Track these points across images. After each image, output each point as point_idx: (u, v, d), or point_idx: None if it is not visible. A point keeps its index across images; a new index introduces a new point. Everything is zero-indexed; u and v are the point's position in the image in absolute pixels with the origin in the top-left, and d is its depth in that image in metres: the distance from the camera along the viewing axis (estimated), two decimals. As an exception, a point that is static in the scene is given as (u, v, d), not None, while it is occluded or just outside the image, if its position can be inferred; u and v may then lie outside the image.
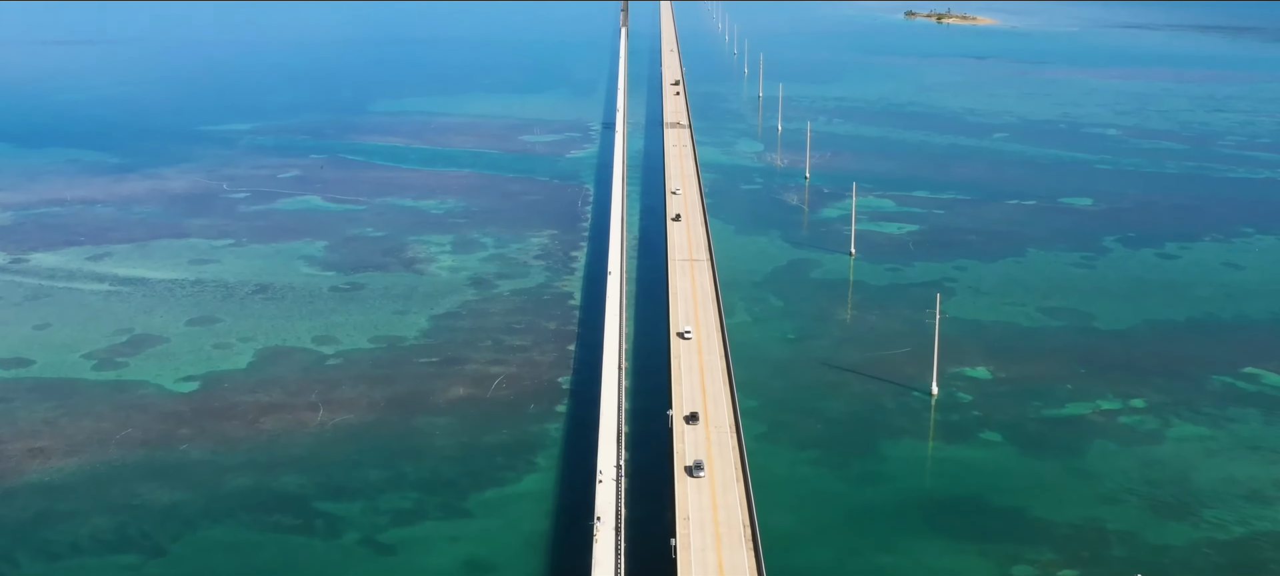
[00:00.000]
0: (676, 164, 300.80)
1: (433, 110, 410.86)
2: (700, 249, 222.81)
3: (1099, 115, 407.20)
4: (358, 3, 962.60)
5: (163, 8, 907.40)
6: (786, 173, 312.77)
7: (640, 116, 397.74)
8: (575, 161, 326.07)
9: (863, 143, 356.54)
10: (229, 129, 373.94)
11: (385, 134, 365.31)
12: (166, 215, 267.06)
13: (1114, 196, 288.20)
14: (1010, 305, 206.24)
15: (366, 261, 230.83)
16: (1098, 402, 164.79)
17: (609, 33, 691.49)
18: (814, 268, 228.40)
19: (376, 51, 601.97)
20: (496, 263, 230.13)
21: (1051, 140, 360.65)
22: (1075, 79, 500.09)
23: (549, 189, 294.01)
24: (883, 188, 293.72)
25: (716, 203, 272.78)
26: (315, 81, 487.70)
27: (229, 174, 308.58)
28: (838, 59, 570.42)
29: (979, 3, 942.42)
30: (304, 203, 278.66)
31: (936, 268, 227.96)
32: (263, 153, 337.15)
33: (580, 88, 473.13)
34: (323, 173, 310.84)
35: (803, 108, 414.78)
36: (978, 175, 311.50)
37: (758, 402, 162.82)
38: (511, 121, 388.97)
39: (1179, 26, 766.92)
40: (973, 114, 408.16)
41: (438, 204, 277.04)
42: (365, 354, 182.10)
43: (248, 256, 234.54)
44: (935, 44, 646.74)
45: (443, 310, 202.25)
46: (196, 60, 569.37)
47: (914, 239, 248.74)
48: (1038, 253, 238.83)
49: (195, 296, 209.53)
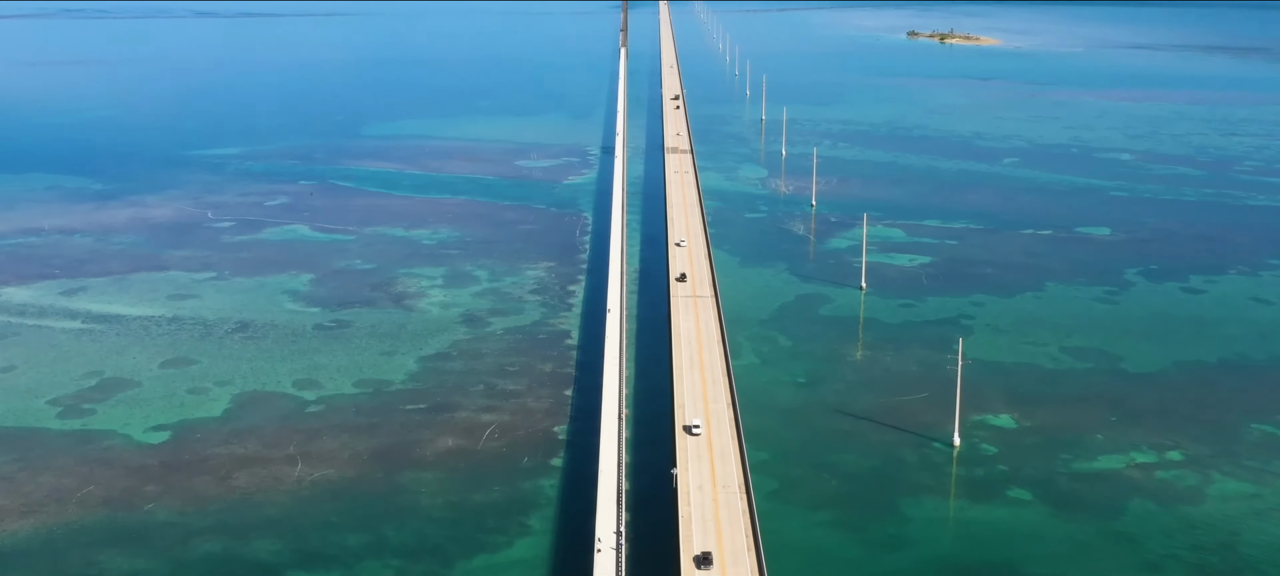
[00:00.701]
0: (678, 191, 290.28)
1: (428, 133, 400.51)
2: (704, 284, 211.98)
3: (1111, 139, 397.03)
4: (357, 19, 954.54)
5: (160, 26, 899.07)
6: (792, 200, 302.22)
7: (640, 140, 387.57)
8: (573, 188, 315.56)
9: (869, 168, 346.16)
10: (218, 153, 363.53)
11: (378, 159, 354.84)
12: (147, 246, 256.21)
13: (1133, 225, 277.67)
14: (1032, 345, 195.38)
15: (354, 296, 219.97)
16: (1132, 455, 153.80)
17: (608, 53, 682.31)
18: (823, 303, 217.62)
19: (373, 72, 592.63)
20: (490, 297, 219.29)
21: (1064, 165, 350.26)
22: (1084, 101, 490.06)
23: (546, 217, 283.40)
24: (892, 216, 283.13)
25: (720, 232, 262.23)
26: (309, 104, 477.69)
27: (214, 201, 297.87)
28: (841, 80, 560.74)
29: (981, 20, 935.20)
30: (291, 232, 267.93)
31: (952, 303, 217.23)
32: (251, 178, 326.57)
33: (579, 109, 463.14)
34: (312, 200, 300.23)
35: (806, 131, 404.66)
36: (990, 203, 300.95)
37: (768, 455, 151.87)
38: (508, 145, 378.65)
39: (1184, 47, 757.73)
40: (981, 138, 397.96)
41: (430, 233, 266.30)
42: (348, 400, 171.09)
43: (229, 291, 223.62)
44: (939, 64, 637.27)
45: (432, 350, 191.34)
46: (190, 81, 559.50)
47: (927, 272, 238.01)
48: (1057, 287, 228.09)
49: (171, 335, 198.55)
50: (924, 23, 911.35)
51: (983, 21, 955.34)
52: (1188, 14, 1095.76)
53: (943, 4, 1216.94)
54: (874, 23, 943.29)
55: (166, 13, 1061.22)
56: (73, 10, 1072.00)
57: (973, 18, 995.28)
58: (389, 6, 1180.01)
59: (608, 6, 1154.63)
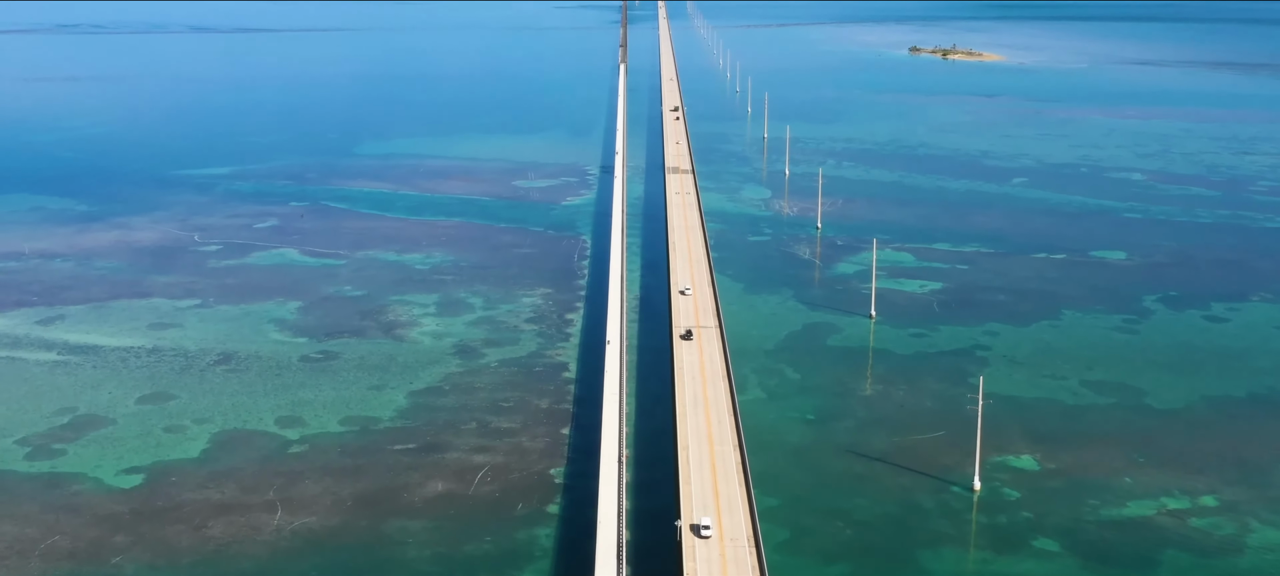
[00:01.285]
0: (679, 213, 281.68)
1: (422, 153, 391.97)
2: (707, 314, 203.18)
3: (1120, 158, 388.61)
4: (355, 34, 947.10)
5: (157, 42, 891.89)
6: (796, 222, 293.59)
7: (640, 159, 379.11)
8: (571, 210, 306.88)
9: (875, 188, 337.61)
10: (207, 173, 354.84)
11: (371, 179, 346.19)
12: (129, 271, 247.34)
13: (1148, 249, 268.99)
14: (1051, 378, 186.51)
15: (342, 325, 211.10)
16: (1163, 500, 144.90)
17: (608, 68, 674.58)
18: (831, 333, 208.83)
19: (369, 89, 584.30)
20: (484, 327, 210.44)
21: (1074, 186, 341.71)
22: (1091, 118, 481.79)
23: (543, 241, 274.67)
24: (900, 239, 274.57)
25: (723, 256, 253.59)
26: (303, 121, 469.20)
27: (201, 223, 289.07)
28: (843, 97, 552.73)
29: (983, 35, 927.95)
30: (279, 256, 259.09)
31: (965, 333, 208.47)
32: (240, 199, 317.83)
33: (578, 127, 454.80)
34: (302, 222, 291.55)
35: (810, 149, 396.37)
36: (1000, 225, 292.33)
37: (778, 501, 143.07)
38: (505, 165, 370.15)
39: (1189, 62, 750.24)
40: (989, 157, 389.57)
41: (423, 258, 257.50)
42: (333, 439, 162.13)
43: (213, 319, 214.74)
44: (942, 81, 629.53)
45: (423, 384, 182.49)
46: (183, 98, 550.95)
47: (938, 299, 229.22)
48: (1074, 315, 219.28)
49: (150, 368, 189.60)
50: (926, 39, 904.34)
51: (985, 37, 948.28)
52: (1190, 30, 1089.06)
53: (944, 20, 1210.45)
54: (875, 39, 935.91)
55: (164, 28, 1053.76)
56: (69, 26, 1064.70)
57: (974, 33, 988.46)
58: (387, 22, 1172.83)
59: (607, 21, 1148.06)
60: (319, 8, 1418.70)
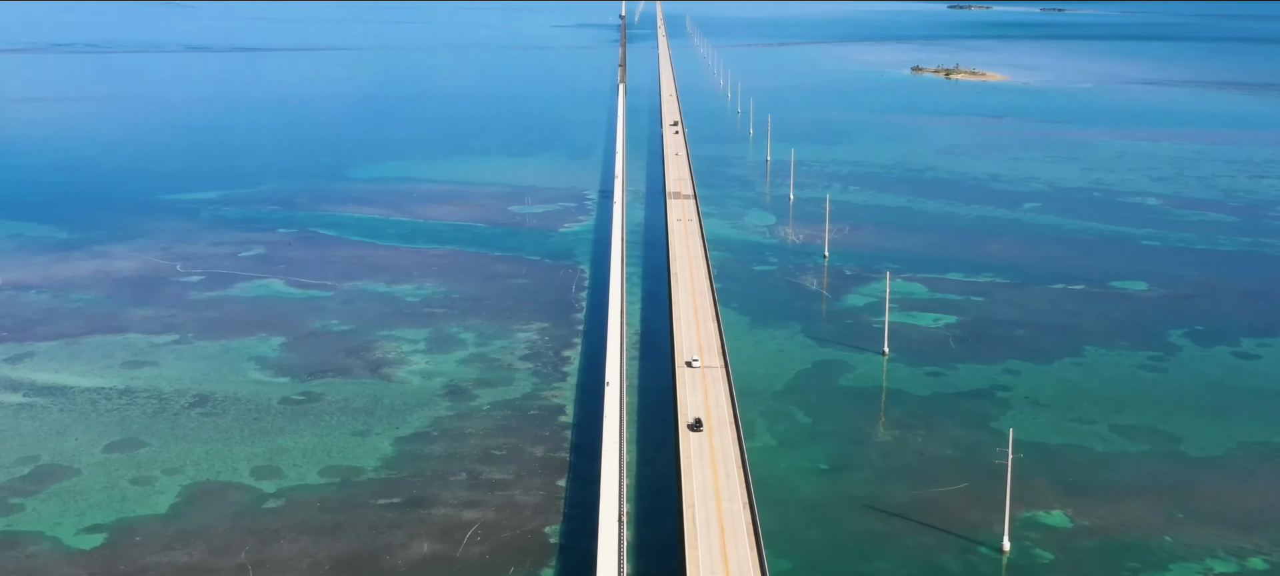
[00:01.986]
0: (681, 241, 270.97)
1: (416, 176, 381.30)
2: (712, 352, 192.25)
3: (1134, 182, 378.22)
4: (352, 54, 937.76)
5: (151, 62, 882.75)
6: (802, 250, 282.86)
7: (640, 183, 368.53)
8: (569, 237, 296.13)
9: (883, 214, 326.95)
10: (194, 198, 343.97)
11: (362, 204, 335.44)
12: (106, 304, 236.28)
13: (1170, 279, 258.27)
14: (1078, 423, 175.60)
15: (327, 363, 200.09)
16: (1207, 562, 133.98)
17: (607, 88, 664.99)
18: (843, 371, 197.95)
19: (364, 110, 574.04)
20: (477, 365, 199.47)
21: (1088, 211, 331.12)
22: (1100, 140, 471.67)
23: (539, 271, 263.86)
24: (911, 268, 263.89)
25: (727, 287, 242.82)
26: (295, 143, 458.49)
27: (184, 252, 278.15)
28: (846, 117, 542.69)
29: (985, 54, 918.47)
30: (264, 287, 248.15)
31: (984, 371, 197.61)
32: (226, 226, 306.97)
33: (576, 149, 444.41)
34: (289, 251, 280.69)
35: (814, 173, 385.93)
36: (1014, 253, 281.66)
37: (791, 563, 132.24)
38: (500, 189, 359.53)
39: (1197, 82, 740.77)
40: (998, 180, 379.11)
41: (414, 289, 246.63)
42: (312, 493, 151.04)
43: (190, 357, 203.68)
44: (946, 101, 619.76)
45: (410, 429, 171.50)
46: (174, 119, 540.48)
47: (954, 334, 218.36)
48: (1097, 351, 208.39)
49: (121, 411, 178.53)
50: (928, 58, 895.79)
51: (987, 56, 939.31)
52: (1195, 49, 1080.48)
53: (945, 39, 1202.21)
54: (877, 58, 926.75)
55: (160, 48, 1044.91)
56: (64, 45, 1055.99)
57: (976, 53, 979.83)
58: (385, 42, 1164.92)
59: (606, 40, 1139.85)
60: (317, 28, 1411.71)
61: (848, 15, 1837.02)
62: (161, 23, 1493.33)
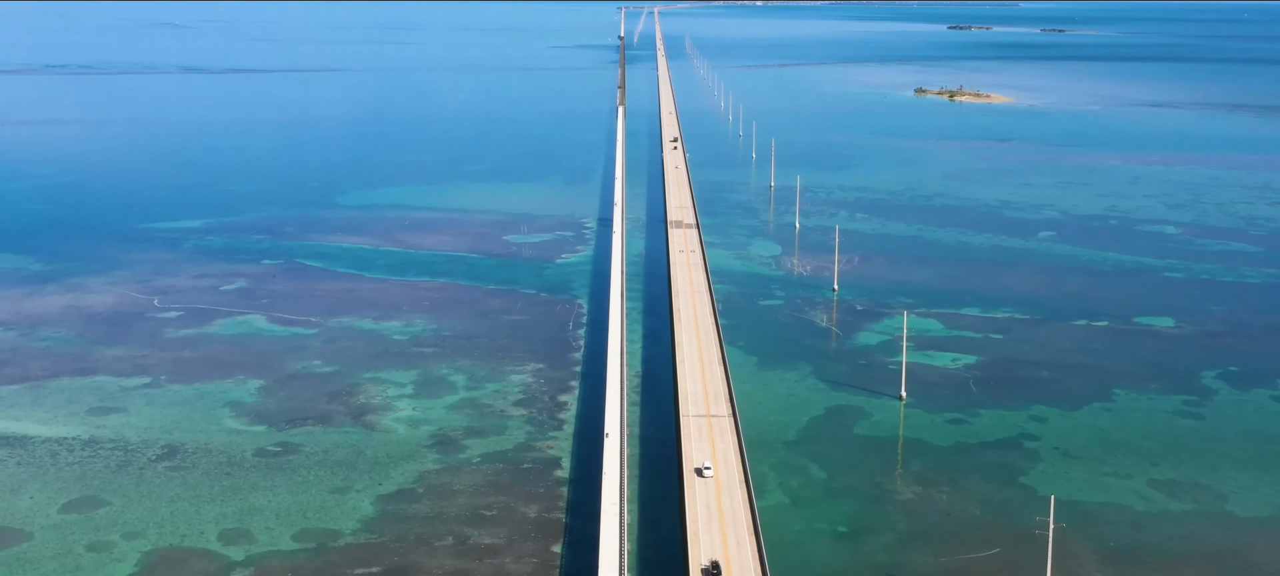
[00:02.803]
0: (684, 274, 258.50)
1: (408, 203, 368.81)
2: (719, 398, 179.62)
3: (1150, 209, 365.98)
4: (349, 75, 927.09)
5: (144, 84, 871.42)
6: (810, 283, 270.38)
7: (640, 210, 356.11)
8: (566, 269, 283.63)
9: (893, 244, 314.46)
10: (177, 227, 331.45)
11: (352, 233, 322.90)
12: (77, 343, 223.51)
13: (1198, 314, 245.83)
14: (1115, 478, 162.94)
15: (307, 410, 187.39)
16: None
17: (605, 110, 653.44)
18: (858, 418, 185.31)
19: (358, 132, 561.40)
20: (467, 412, 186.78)
21: (1106, 241, 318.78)
22: (1112, 165, 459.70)
23: (535, 305, 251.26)
24: (924, 303, 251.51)
25: (733, 324, 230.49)
26: (285, 168, 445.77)
27: (163, 285, 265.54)
28: (851, 141, 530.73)
29: (988, 76, 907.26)
30: (244, 324, 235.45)
31: (1009, 418, 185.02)
32: (209, 257, 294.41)
33: (573, 174, 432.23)
34: (273, 284, 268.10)
35: (819, 199, 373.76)
36: (1032, 286, 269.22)
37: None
38: (495, 217, 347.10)
39: (1205, 105, 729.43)
40: (1010, 208, 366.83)
41: (402, 326, 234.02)
42: (284, 559, 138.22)
43: (162, 402, 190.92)
44: (952, 124, 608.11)
45: (394, 486, 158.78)
46: (163, 143, 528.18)
47: (974, 376, 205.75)
48: (1128, 396, 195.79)
49: (83, 465, 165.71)
50: (931, 79, 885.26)
51: (990, 77, 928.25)
52: (1199, 70, 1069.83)
53: (946, 60, 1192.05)
54: (879, 79, 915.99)
55: (154, 70, 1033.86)
56: (58, 67, 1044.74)
57: (979, 74, 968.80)
58: (381, 64, 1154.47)
59: (605, 61, 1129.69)
60: (313, 50, 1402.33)
61: (848, 37, 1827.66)
62: (157, 44, 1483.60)
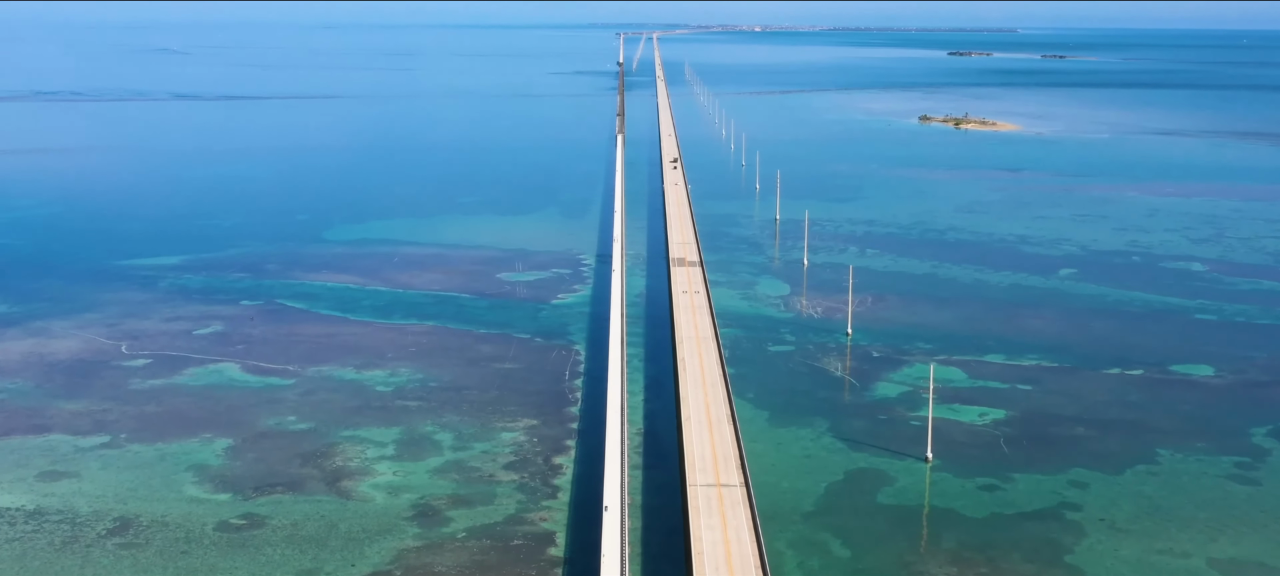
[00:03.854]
0: (687, 316, 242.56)
1: (398, 238, 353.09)
2: (729, 464, 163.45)
3: (1172, 243, 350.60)
4: (345, 102, 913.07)
5: (136, 111, 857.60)
6: (822, 326, 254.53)
7: (641, 246, 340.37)
8: (563, 311, 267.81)
9: (906, 282, 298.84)
10: (153, 264, 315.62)
11: (337, 271, 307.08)
12: (34, 395, 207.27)
13: (1238, 362, 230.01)
14: (1169, 556, 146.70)
15: (277, 474, 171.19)
16: None
17: (604, 138, 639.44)
18: (881, 484, 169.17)
19: (348, 162, 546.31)
20: (453, 477, 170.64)
21: (1131, 279, 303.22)
22: (1128, 197, 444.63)
23: (529, 352, 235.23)
24: (944, 348, 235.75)
25: (741, 374, 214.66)
26: (272, 200, 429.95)
27: (133, 329, 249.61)
28: (856, 171, 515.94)
29: (993, 103, 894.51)
30: (216, 375, 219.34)
31: (1047, 485, 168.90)
32: (185, 297, 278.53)
33: (571, 207, 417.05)
34: (250, 327, 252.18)
35: (827, 234, 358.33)
36: (1058, 331, 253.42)
37: None
38: (489, 253, 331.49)
39: (1217, 133, 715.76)
40: (1027, 243, 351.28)
41: (386, 376, 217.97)
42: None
43: (119, 465, 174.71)
44: (959, 154, 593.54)
45: (369, 566, 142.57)
46: (148, 173, 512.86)
47: (1005, 433, 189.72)
48: (1173, 457, 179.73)
49: (24, 542, 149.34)
50: (934, 106, 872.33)
51: (995, 105, 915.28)
52: (1206, 97, 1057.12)
53: (949, 87, 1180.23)
54: (882, 106, 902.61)
55: (147, 96, 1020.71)
56: (48, 94, 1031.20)
57: (984, 101, 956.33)
58: (378, 90, 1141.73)
59: (604, 88, 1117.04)
60: (309, 76, 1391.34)
61: (848, 63, 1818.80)
62: (152, 69, 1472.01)
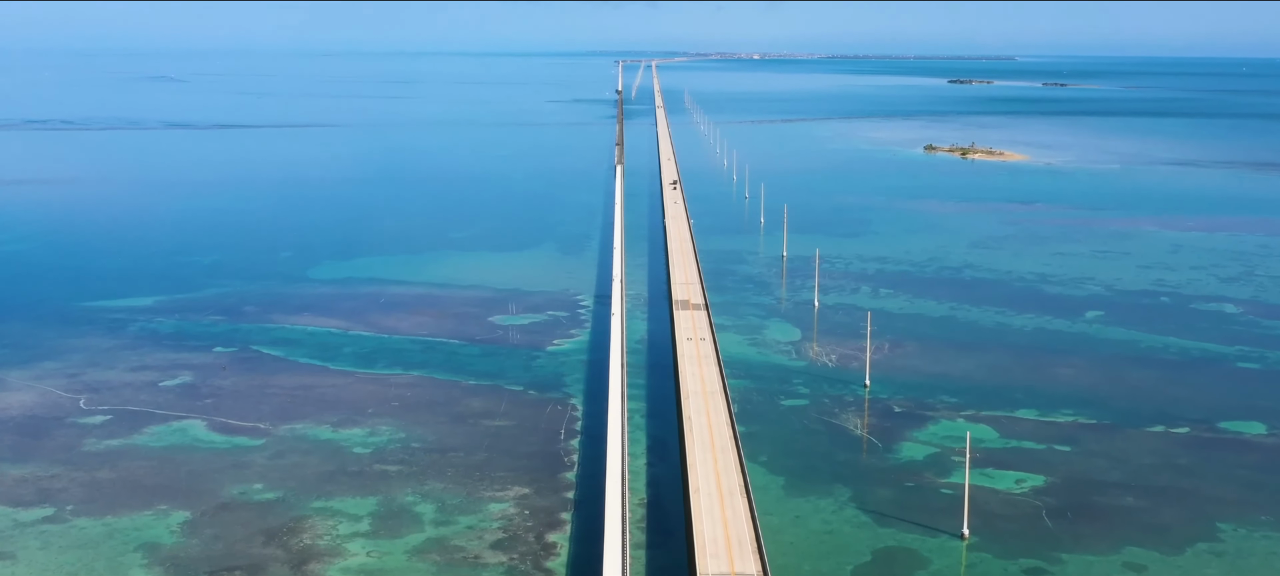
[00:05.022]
0: (693, 368, 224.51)
1: (386, 276, 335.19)
2: (744, 548, 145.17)
3: (1201, 283, 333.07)
4: (340, 131, 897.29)
5: (126, 140, 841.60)
6: (837, 376, 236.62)
7: (641, 285, 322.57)
8: (558, 359, 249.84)
9: (924, 326, 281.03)
10: (125, 305, 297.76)
11: (319, 313, 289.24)
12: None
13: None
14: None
15: (237, 555, 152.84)
16: None
17: (604, 168, 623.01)
18: (913, 567, 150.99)
19: (339, 193, 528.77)
20: (434, 557, 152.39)
21: (1162, 322, 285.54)
22: (1147, 231, 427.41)
23: (522, 407, 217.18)
24: (971, 403, 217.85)
25: (753, 432, 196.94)
26: (256, 235, 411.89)
27: (95, 380, 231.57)
28: (863, 203, 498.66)
29: (999, 132, 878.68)
30: (180, 433, 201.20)
31: (1099, 568, 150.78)
32: (154, 343, 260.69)
33: (568, 242, 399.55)
34: (221, 378, 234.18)
35: (837, 272, 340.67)
36: (1091, 381, 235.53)
37: None
38: (481, 293, 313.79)
39: (1231, 163, 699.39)
40: (1048, 282, 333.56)
41: (365, 436, 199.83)
42: None
43: (60, 545, 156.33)
44: (968, 185, 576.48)
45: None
46: (130, 205, 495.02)
47: (1046, 504, 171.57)
48: (1237, 533, 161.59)
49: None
50: (938, 135, 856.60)
51: (1001, 133, 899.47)
52: (1215, 126, 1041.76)
53: (951, 115, 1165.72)
54: (886, 136, 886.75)
55: (139, 125, 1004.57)
56: (38, 122, 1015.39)
57: (989, 130, 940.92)
58: (375, 118, 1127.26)
59: (602, 116, 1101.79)
60: (304, 104, 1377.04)
61: (849, 91, 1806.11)
62: (147, 98, 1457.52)
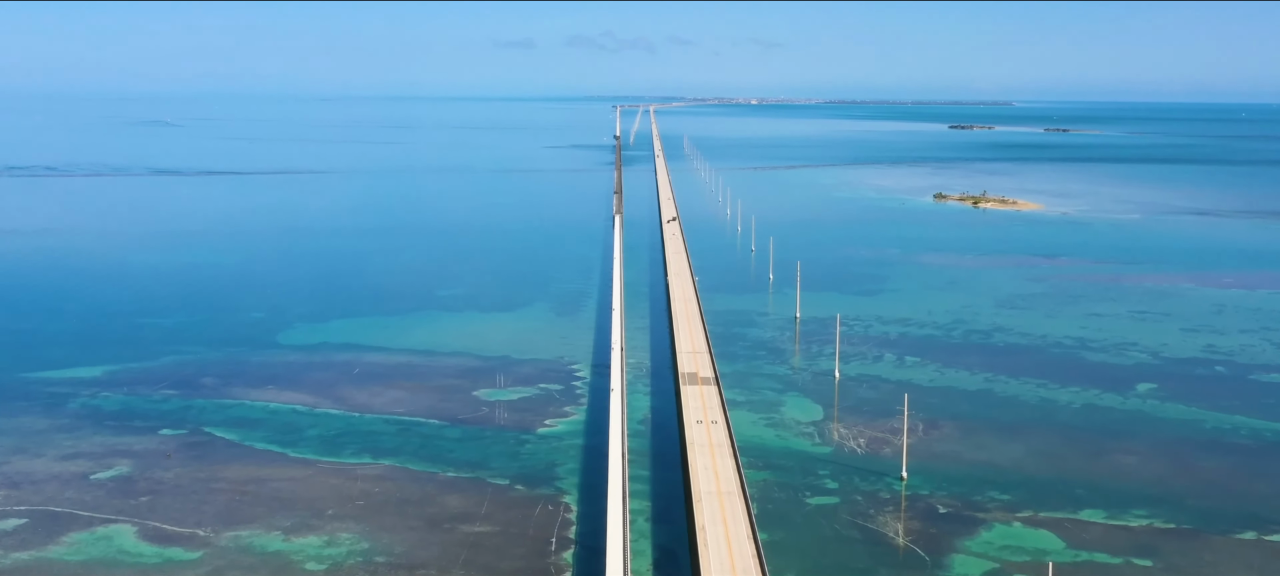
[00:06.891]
0: (705, 458, 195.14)
1: (362, 342, 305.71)
2: None
3: (1255, 349, 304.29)
4: (332, 178, 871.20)
5: (110, 187, 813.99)
6: (868, 467, 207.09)
7: (644, 353, 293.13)
8: (550, 444, 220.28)
9: (960, 402, 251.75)
10: (69, 376, 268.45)
11: (284, 386, 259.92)
12: None
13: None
14: None
15: None
16: None
17: (602, 218, 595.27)
18: None
19: (321, 245, 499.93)
20: None
21: (1223, 397, 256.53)
22: (1184, 288, 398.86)
23: (506, 507, 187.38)
24: (1025, 500, 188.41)
25: (777, 540, 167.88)
26: (225, 293, 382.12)
27: (17, 472, 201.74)
28: (876, 256, 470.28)
29: (1009, 179, 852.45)
30: (103, 543, 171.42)
31: None
32: (93, 424, 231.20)
33: (564, 301, 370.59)
34: (163, 470, 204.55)
35: (856, 336, 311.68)
36: (1158, 472, 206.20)
37: None
38: (466, 362, 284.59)
39: (1251, 212, 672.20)
40: (1089, 348, 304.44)
41: (320, 546, 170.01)
42: None
43: None
44: (985, 236, 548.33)
45: None
46: (94, 260, 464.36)
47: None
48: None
49: None
50: (947, 183, 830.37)
51: (1010, 181, 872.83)
52: (1229, 174, 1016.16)
53: (957, 162, 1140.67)
54: (892, 183, 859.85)
55: (125, 171, 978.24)
56: (19, 168, 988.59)
57: (997, 177, 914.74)
58: (367, 165, 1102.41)
59: (600, 162, 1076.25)
60: (296, 150, 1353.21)
61: (850, 137, 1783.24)
62: (136, 143, 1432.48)
